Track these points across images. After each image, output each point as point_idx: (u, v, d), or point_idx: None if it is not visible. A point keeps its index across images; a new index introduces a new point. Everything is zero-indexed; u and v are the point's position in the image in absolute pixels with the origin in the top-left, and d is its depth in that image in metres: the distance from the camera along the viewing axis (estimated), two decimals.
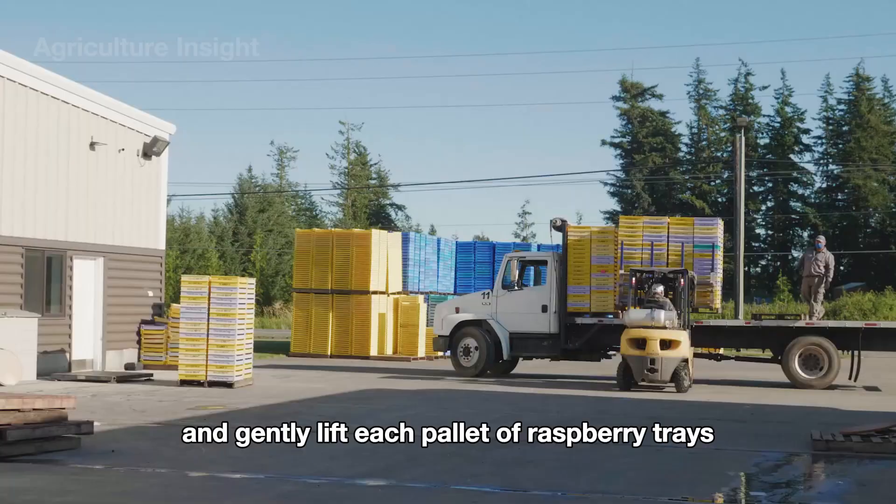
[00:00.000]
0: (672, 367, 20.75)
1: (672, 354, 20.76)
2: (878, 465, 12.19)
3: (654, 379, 20.90)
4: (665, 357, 20.72)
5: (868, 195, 71.00)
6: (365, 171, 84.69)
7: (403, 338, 31.45)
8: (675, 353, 20.79)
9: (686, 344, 21.07)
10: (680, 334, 20.97)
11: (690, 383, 21.22)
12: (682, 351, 20.89)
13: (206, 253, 65.49)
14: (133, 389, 20.05)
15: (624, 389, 21.12)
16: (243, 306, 20.92)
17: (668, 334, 20.84)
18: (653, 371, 20.76)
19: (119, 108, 24.82)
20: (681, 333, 21.02)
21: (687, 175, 78.20)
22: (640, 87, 79.20)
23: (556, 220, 24.83)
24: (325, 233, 33.44)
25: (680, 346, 20.86)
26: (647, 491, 10.33)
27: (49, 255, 22.67)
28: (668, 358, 20.73)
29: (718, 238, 23.65)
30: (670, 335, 20.83)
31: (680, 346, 20.85)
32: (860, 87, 75.11)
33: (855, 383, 22.64)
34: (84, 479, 10.61)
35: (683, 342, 20.94)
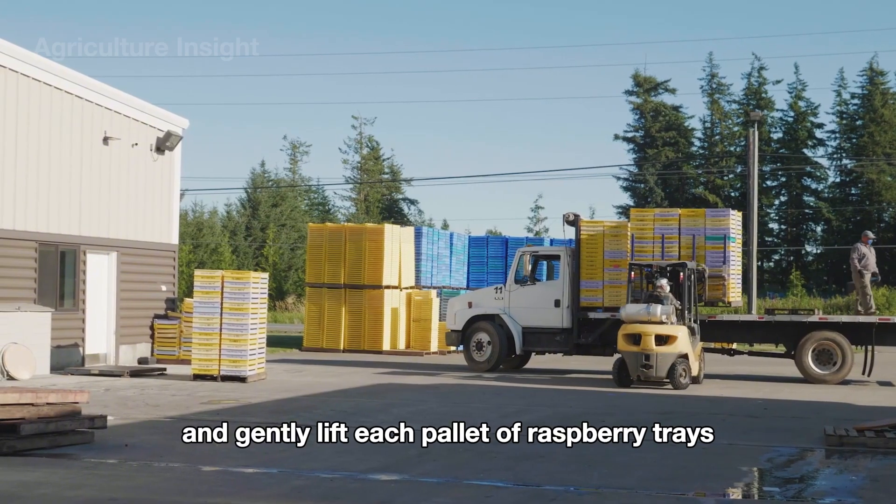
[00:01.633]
0: (668, 363, 20.18)
1: (668, 350, 20.20)
2: (891, 460, 12.15)
3: (648, 375, 20.30)
4: (660, 353, 20.18)
5: (882, 190, 70.73)
6: (378, 165, 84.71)
7: (416, 332, 31.46)
8: (671, 348, 20.22)
9: (684, 339, 20.43)
10: (677, 329, 20.39)
11: (689, 381, 20.54)
12: (678, 347, 20.28)
13: (218, 247, 65.61)
14: (146, 384, 20.10)
15: (621, 386, 20.69)
16: (256, 301, 20.94)
17: (664, 329, 20.28)
18: (647, 367, 20.18)
19: (132, 102, 24.88)
20: (678, 328, 20.42)
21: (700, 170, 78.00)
22: (654, 82, 79.00)
23: (569, 214, 24.80)
24: (337, 227, 33.44)
25: (676, 341, 20.26)
26: (660, 486, 10.32)
27: (63, 249, 22.74)
28: (664, 354, 20.18)
29: (731, 230, 23.42)
30: (666, 330, 20.28)
31: (676, 342, 20.26)
32: (874, 81, 74.80)
33: (868, 378, 22.58)
34: (98, 473, 10.64)
35: (681, 338, 20.33)
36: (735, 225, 23.91)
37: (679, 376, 20.31)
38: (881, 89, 74.33)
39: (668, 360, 20.22)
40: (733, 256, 23.50)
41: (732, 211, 24.46)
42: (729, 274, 23.15)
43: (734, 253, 23.61)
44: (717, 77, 78.68)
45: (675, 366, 20.28)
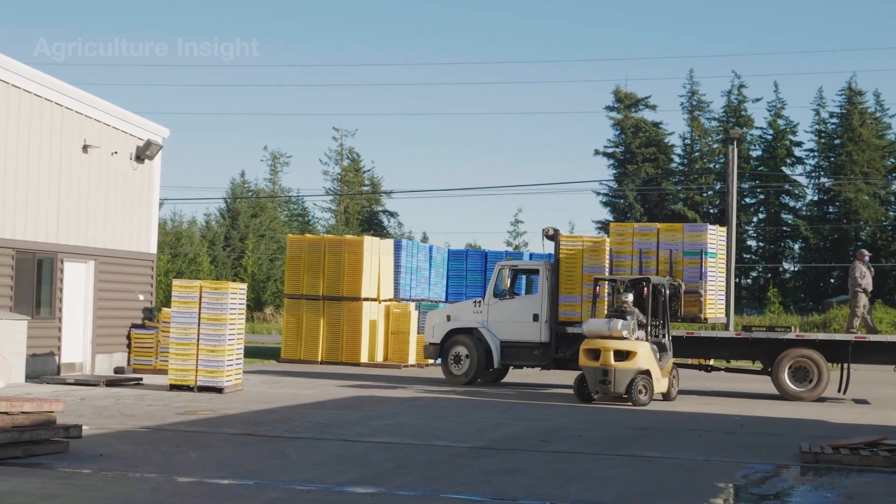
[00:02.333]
0: (627, 379, 19.86)
1: (626, 366, 19.90)
2: (866, 478, 12.20)
3: (606, 391, 20.03)
4: (619, 369, 19.86)
5: (859, 208, 71.18)
6: (358, 177, 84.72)
7: (394, 345, 31.42)
8: (630, 364, 19.92)
9: (645, 355, 20.11)
10: (638, 345, 20.08)
11: (648, 398, 20.05)
12: (637, 363, 19.97)
13: (197, 257, 65.42)
14: (122, 393, 20.01)
15: (583, 401, 20.49)
16: (234, 311, 20.88)
17: (624, 345, 20.00)
18: (605, 383, 19.90)
19: (112, 111, 24.79)
20: (639, 344, 20.12)
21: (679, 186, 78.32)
22: (634, 98, 79.36)
23: (549, 229, 24.83)
24: (317, 239, 33.40)
25: (636, 357, 19.94)
26: (636, 501, 10.34)
27: (40, 257, 22.63)
28: (622, 370, 19.88)
29: (709, 244, 23.19)
30: (626, 346, 19.98)
31: (636, 358, 19.95)
32: (852, 100, 75.36)
33: (844, 396, 22.67)
34: (72, 483, 10.58)
35: (641, 353, 20.00)
36: (716, 240, 23.64)
37: (639, 392, 19.96)
38: (859, 109, 74.88)
39: (627, 375, 19.92)
40: (711, 272, 23.25)
41: (713, 226, 24.17)
42: (706, 290, 22.97)
43: (713, 269, 23.36)
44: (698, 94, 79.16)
45: (635, 381, 19.95)
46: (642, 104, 79.72)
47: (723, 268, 24.42)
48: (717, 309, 23.67)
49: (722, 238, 24.34)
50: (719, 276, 23.90)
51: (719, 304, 23.84)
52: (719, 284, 23.87)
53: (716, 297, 23.50)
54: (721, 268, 24.09)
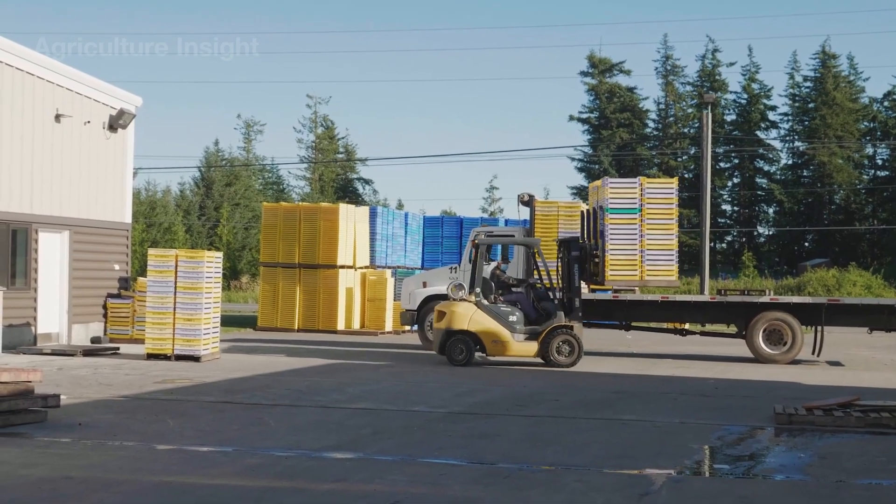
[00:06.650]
0: (441, 338, 20.58)
1: (440, 326, 20.65)
2: (838, 438, 12.36)
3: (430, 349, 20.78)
4: (437, 328, 20.83)
5: (833, 172, 71.56)
6: (332, 145, 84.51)
7: (371, 312, 31.49)
8: (442, 324, 20.59)
9: (462, 315, 20.41)
10: (456, 305, 20.60)
11: (465, 357, 20.48)
12: (450, 322, 20.47)
13: (172, 227, 65.21)
14: (99, 363, 19.99)
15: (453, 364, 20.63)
16: (210, 280, 20.87)
17: (444, 306, 20.85)
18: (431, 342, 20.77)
19: (85, 80, 24.62)
20: (457, 305, 20.62)
21: (654, 151, 78.45)
22: (608, 63, 79.35)
23: (524, 195, 24.89)
24: (292, 207, 33.36)
25: (447, 317, 20.52)
26: (612, 464, 10.43)
27: (14, 227, 22.52)
28: (438, 329, 20.74)
29: (609, 200, 21.75)
30: (447, 306, 20.73)
31: (446, 318, 20.53)
32: (826, 64, 75.60)
33: (818, 358, 22.87)
34: (51, 452, 10.60)
35: (459, 312, 20.43)
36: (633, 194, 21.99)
37: (458, 353, 20.54)
38: (833, 72, 75.13)
39: (443, 336, 20.59)
40: (615, 229, 21.88)
41: (630, 179, 22.79)
42: (604, 249, 22.04)
43: (620, 226, 21.85)
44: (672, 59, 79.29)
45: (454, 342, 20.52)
46: (616, 69, 79.76)
47: (660, 225, 22.21)
48: (647, 271, 22.07)
49: (657, 192, 22.44)
50: (650, 234, 22.05)
51: (650, 266, 22.14)
52: (651, 244, 22.07)
53: (634, 258, 22.04)
54: (656, 225, 22.15)
